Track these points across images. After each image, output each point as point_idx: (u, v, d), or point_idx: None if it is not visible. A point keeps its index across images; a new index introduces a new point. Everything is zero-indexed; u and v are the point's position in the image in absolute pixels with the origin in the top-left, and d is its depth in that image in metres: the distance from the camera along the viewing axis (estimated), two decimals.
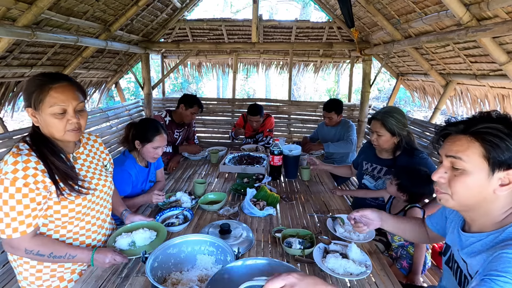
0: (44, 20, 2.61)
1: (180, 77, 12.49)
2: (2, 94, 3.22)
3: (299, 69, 5.83)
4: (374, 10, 3.31)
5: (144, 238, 1.42)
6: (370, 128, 2.06)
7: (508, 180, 0.82)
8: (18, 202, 1.09)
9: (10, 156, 1.11)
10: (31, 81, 1.17)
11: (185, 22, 4.86)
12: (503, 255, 0.76)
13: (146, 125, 1.98)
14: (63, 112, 1.16)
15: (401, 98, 12.59)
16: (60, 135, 1.19)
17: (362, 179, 2.21)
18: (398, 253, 1.75)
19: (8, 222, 1.10)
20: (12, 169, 1.09)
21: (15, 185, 1.08)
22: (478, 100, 3.21)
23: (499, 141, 0.81)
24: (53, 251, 1.18)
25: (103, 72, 4.63)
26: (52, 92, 1.14)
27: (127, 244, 1.40)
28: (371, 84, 4.23)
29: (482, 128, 0.84)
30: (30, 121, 1.18)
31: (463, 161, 0.86)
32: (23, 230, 1.12)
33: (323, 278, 1.25)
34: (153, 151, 1.96)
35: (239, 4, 15.67)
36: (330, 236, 1.58)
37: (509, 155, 0.81)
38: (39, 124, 1.19)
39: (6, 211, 1.09)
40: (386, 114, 1.98)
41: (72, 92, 1.18)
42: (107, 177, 1.44)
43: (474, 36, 2.10)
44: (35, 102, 1.14)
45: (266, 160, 2.63)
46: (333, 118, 3.23)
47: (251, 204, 1.78)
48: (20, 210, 1.10)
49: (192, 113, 3.08)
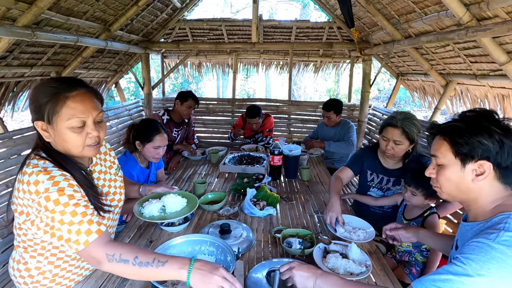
0: (44, 20, 2.61)
1: (180, 77, 12.49)
2: (2, 94, 3.22)
3: (299, 69, 5.83)
4: (374, 10, 3.31)
5: (175, 203, 1.34)
6: (383, 135, 1.84)
7: (481, 170, 0.91)
8: (76, 205, 0.95)
9: (40, 174, 0.95)
10: (41, 90, 1.00)
11: (185, 22, 4.86)
12: (473, 243, 0.83)
13: (146, 125, 1.98)
14: (82, 125, 1.01)
15: (401, 98, 12.60)
16: (78, 151, 1.04)
17: (368, 191, 2.04)
18: (406, 257, 1.73)
19: (77, 229, 0.94)
20: (52, 183, 0.94)
21: (65, 193, 0.95)
22: (478, 100, 3.21)
23: (458, 136, 0.92)
24: (137, 255, 0.95)
25: (103, 72, 4.63)
26: (70, 102, 0.98)
27: (157, 210, 1.32)
28: (371, 84, 4.23)
29: (447, 128, 0.97)
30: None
31: (440, 158, 0.98)
32: (97, 229, 0.97)
33: None
34: (154, 151, 1.96)
35: (239, 4, 15.69)
36: (330, 236, 1.58)
37: (469, 148, 0.90)
38: (51, 139, 1.03)
39: (68, 220, 0.93)
40: (407, 120, 1.78)
41: (91, 100, 1.03)
42: (121, 188, 1.33)
43: (474, 36, 2.10)
44: (49, 115, 0.97)
45: (266, 160, 2.64)
46: (332, 118, 3.23)
47: (251, 204, 1.78)
48: (83, 211, 0.96)
49: (188, 107, 3.08)
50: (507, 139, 0.88)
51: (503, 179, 0.91)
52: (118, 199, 1.28)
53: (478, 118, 0.93)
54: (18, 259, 1.15)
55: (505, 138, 0.88)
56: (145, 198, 1.36)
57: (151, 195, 1.39)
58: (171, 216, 1.28)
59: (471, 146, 0.90)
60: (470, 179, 0.92)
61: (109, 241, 0.98)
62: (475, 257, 0.79)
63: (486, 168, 0.90)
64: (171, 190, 1.44)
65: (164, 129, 2.01)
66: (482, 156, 0.89)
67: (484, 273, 0.77)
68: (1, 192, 1.98)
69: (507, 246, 0.78)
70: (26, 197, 0.96)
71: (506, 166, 0.89)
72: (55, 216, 0.93)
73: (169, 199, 1.33)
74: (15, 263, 1.16)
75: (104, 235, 0.98)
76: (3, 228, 1.88)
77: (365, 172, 2.04)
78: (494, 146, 0.88)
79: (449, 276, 0.80)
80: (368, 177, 2.03)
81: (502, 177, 0.91)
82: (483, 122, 0.91)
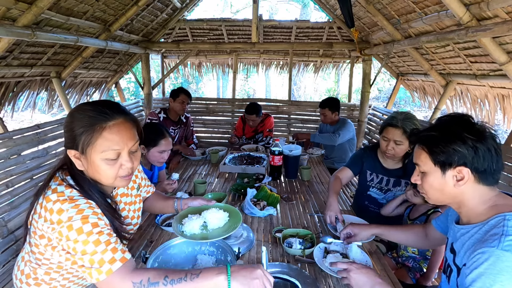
0: (44, 20, 2.61)
1: (180, 77, 12.48)
2: (2, 94, 3.22)
3: (299, 69, 5.83)
4: (374, 10, 3.31)
5: (218, 218, 1.22)
6: (384, 135, 1.84)
7: (461, 176, 0.93)
8: (99, 233, 0.89)
9: (65, 203, 0.90)
10: (77, 117, 0.95)
11: (185, 22, 4.86)
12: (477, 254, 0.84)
13: (150, 129, 1.98)
14: (117, 157, 0.96)
15: (401, 98, 12.60)
16: (110, 182, 1.00)
17: (367, 191, 2.05)
18: (410, 263, 1.71)
19: (99, 258, 0.87)
20: (77, 211, 0.90)
21: (89, 221, 0.90)
22: (478, 100, 3.21)
23: (434, 146, 0.95)
24: (167, 274, 0.89)
25: (103, 72, 4.63)
26: (106, 133, 0.93)
27: (198, 227, 1.19)
28: (371, 84, 4.23)
29: (423, 137, 1.00)
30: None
31: (421, 166, 1.01)
32: (122, 257, 0.89)
33: (324, 278, 1.25)
34: (159, 155, 1.96)
35: (239, 4, 15.68)
36: (331, 236, 1.58)
37: (446, 156, 0.93)
38: (83, 168, 0.98)
39: (91, 250, 0.87)
40: (408, 121, 1.78)
41: (128, 131, 0.98)
42: (139, 211, 1.26)
43: (474, 36, 2.10)
44: (84, 146, 0.93)
45: (266, 160, 2.64)
46: (327, 115, 3.26)
47: (252, 204, 1.78)
48: (107, 239, 0.90)
49: (181, 103, 3.10)
50: (481, 144, 0.90)
51: (483, 182, 0.93)
52: (135, 224, 1.22)
53: (451, 125, 0.96)
54: (28, 273, 1.08)
55: (478, 143, 0.90)
56: (183, 214, 1.25)
57: (187, 211, 1.29)
58: (214, 235, 1.16)
59: (447, 154, 0.93)
60: (452, 184, 0.95)
61: (134, 269, 0.91)
62: (485, 271, 0.80)
63: (465, 173, 0.92)
64: (209, 203, 1.31)
65: (168, 133, 2.01)
66: (459, 163, 0.92)
67: (498, 286, 0.77)
68: (1, 192, 1.98)
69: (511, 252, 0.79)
70: (47, 225, 0.92)
71: (483, 169, 0.91)
72: (77, 247, 0.88)
73: (211, 214, 1.21)
74: (24, 276, 1.10)
75: (129, 263, 0.90)
76: (3, 227, 1.88)
77: (365, 172, 2.04)
78: (469, 152, 0.90)
79: None
80: (368, 177, 2.03)
81: (482, 180, 0.93)
82: (456, 129, 0.93)
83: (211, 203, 1.30)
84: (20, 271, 1.12)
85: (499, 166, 0.92)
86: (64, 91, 3.82)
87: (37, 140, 2.36)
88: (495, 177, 0.94)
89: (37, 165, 2.28)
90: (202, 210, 1.25)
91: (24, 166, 2.17)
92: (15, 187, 2.07)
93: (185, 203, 1.32)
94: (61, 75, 3.63)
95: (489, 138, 0.91)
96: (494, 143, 0.91)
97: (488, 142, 0.90)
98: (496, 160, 0.91)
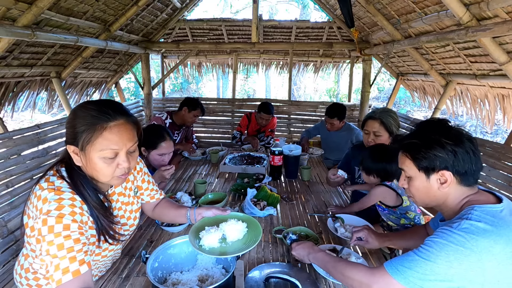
0: (44, 20, 2.61)
1: (180, 77, 12.49)
2: (2, 94, 3.22)
3: (299, 69, 5.83)
4: (374, 10, 3.31)
5: (237, 230, 1.15)
6: (365, 129, 2.00)
7: (444, 179, 0.97)
8: (66, 237, 0.88)
9: (51, 193, 0.92)
10: (79, 115, 0.96)
11: (185, 22, 4.87)
12: (438, 231, 0.91)
13: (151, 131, 1.97)
14: (114, 156, 0.98)
15: (401, 98, 12.59)
16: (106, 180, 1.02)
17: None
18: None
19: (57, 263, 0.86)
20: (56, 206, 0.90)
21: (62, 222, 0.89)
22: (478, 100, 3.21)
23: (416, 152, 1.00)
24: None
25: (103, 72, 4.63)
26: (106, 133, 0.95)
27: (217, 241, 1.12)
28: (371, 84, 4.23)
29: (405, 144, 1.04)
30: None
31: (406, 171, 1.05)
32: (76, 269, 0.87)
33: (324, 279, 1.25)
34: (159, 158, 1.95)
35: (239, 4, 15.66)
36: (331, 236, 1.58)
37: (428, 162, 0.97)
38: (81, 163, 0.99)
39: (53, 252, 0.86)
40: (384, 113, 1.94)
41: (128, 132, 1.00)
42: (137, 212, 1.26)
43: (474, 36, 2.10)
44: (84, 143, 0.94)
45: (267, 160, 2.64)
46: (335, 124, 3.21)
47: (252, 204, 1.78)
48: (70, 246, 0.88)
49: (194, 116, 3.10)
50: (459, 147, 0.94)
51: (464, 183, 0.97)
52: (131, 224, 1.21)
53: (429, 131, 1.00)
54: (27, 267, 1.10)
55: (456, 147, 0.94)
56: (199, 226, 1.19)
57: (202, 222, 1.23)
58: (234, 249, 1.10)
59: (429, 160, 0.97)
60: (436, 187, 0.99)
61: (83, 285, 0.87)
62: (436, 240, 0.87)
63: (447, 176, 0.96)
64: (223, 213, 1.23)
65: (170, 135, 1.99)
66: (441, 167, 0.96)
67: (443, 254, 0.83)
68: (1, 192, 1.98)
69: (465, 233, 0.84)
70: (33, 211, 0.93)
71: (464, 171, 0.95)
72: (43, 245, 0.87)
73: (229, 226, 1.14)
74: (23, 270, 1.11)
75: (81, 277, 0.87)
76: (3, 227, 1.88)
77: (353, 169, 2.12)
78: (449, 156, 0.94)
79: (414, 257, 0.88)
80: (356, 173, 2.10)
81: (463, 181, 0.97)
82: (434, 134, 0.98)
83: (226, 213, 1.23)
84: (20, 265, 1.14)
85: (478, 166, 0.97)
86: (64, 91, 3.82)
87: (37, 140, 2.36)
88: (475, 177, 0.98)
89: (37, 165, 2.28)
90: (219, 221, 1.19)
91: (24, 166, 2.17)
92: (15, 187, 2.07)
93: (198, 213, 1.26)
94: (61, 75, 3.63)
95: (466, 141, 0.95)
96: (471, 145, 0.95)
97: (465, 145, 0.94)
98: (475, 161, 0.95)
